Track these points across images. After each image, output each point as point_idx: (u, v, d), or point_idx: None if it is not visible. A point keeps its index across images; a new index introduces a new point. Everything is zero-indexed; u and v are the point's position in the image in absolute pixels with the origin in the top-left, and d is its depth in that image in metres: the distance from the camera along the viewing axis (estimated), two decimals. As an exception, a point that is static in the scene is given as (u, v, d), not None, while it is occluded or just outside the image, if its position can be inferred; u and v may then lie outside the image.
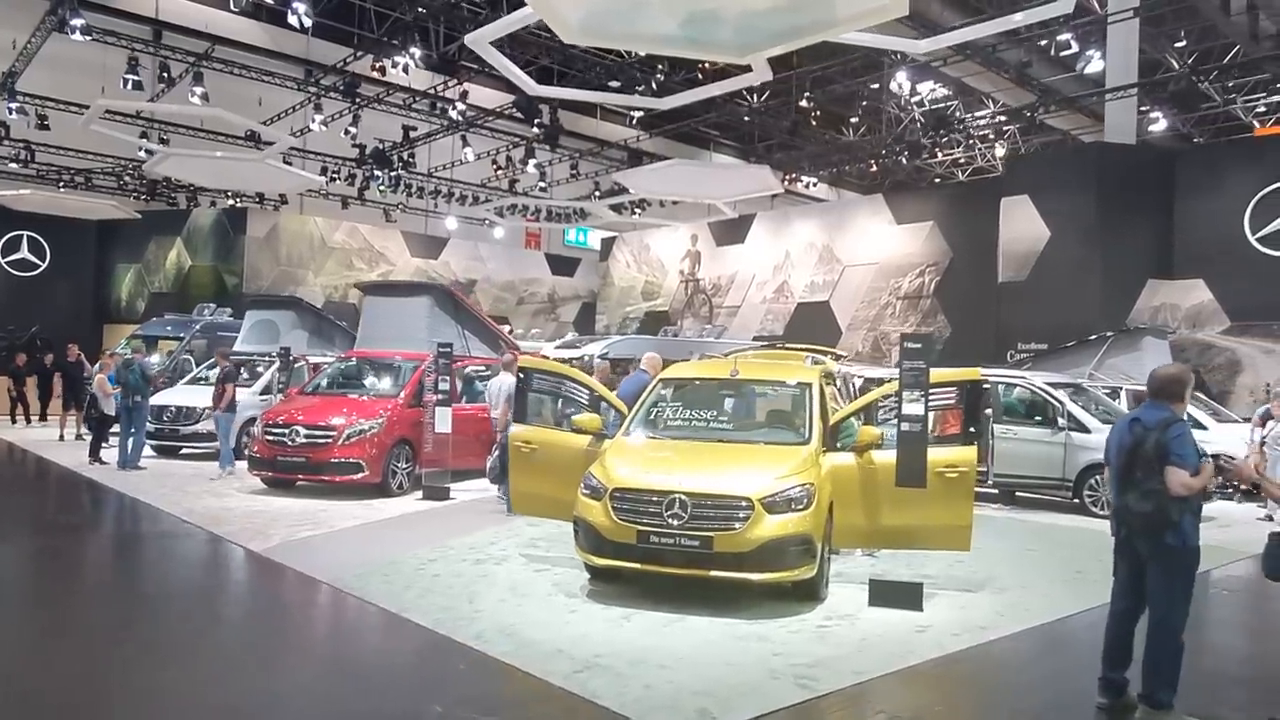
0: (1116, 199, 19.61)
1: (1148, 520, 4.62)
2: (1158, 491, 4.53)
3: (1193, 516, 4.61)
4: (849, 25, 10.49)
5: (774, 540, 6.36)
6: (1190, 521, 4.60)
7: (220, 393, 12.81)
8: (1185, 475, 4.49)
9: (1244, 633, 7.34)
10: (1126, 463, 4.76)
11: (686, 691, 4.85)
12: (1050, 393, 12.81)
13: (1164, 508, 4.53)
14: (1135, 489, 4.67)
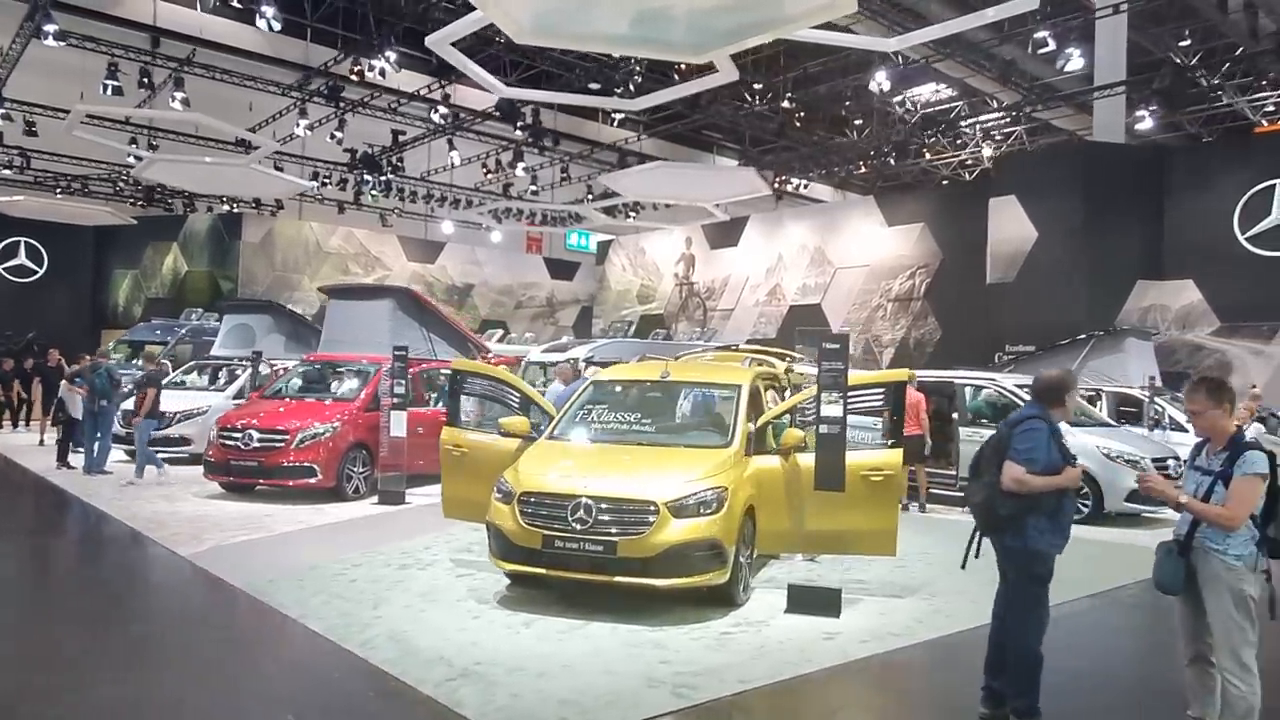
0: (1104, 199, 19.36)
1: (980, 514, 4.57)
2: (990, 484, 4.46)
3: (1044, 519, 4.40)
4: (799, 23, 10.34)
5: (680, 545, 6.22)
6: (1037, 524, 4.40)
7: (140, 398, 12.42)
8: (1019, 471, 4.34)
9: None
10: (975, 458, 4.74)
11: (553, 701, 4.73)
12: (1019, 395, 12.57)
13: (992, 501, 4.42)
14: (975, 482, 4.65)
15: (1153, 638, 7.07)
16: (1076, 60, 16.32)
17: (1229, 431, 4.15)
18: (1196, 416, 4.22)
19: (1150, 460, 11.68)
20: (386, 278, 31.91)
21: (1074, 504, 4.52)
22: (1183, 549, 4.09)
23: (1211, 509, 3.98)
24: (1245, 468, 3.98)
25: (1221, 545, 3.98)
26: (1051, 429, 4.48)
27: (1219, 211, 18.58)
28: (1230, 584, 3.95)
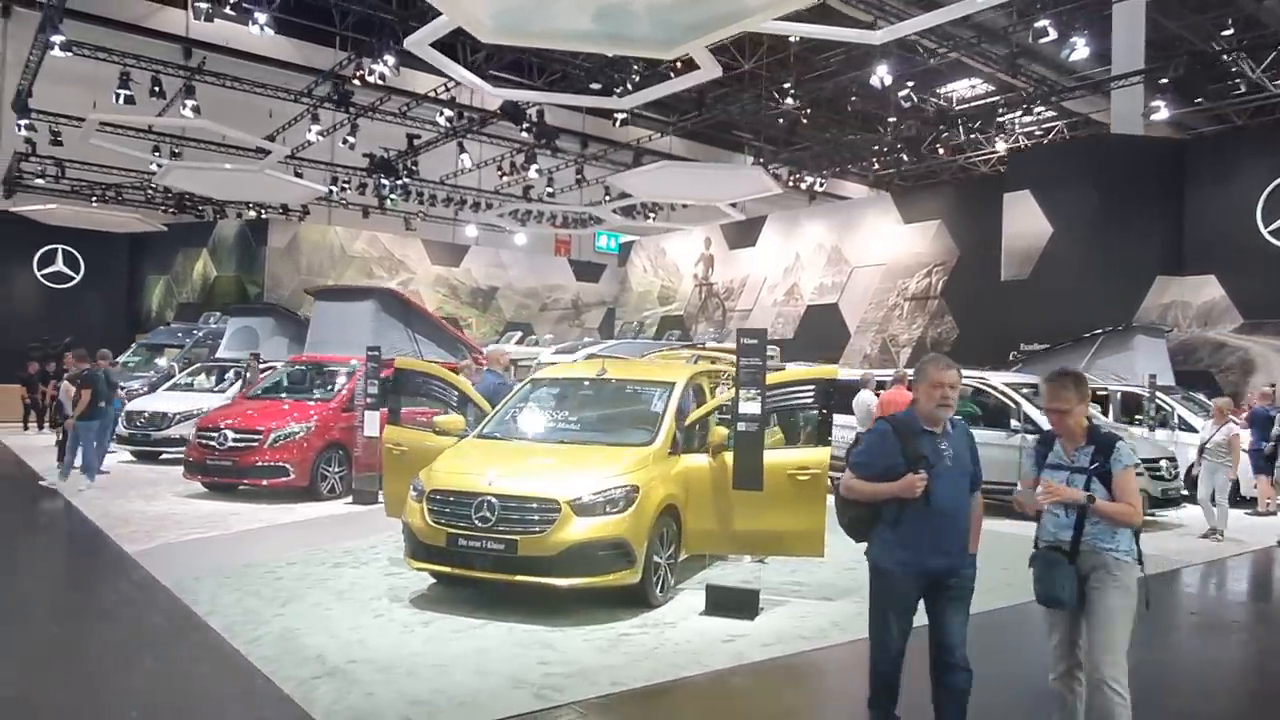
0: (1122, 192, 18.76)
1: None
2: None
3: (886, 531, 3.94)
4: (761, 14, 10.17)
5: (581, 544, 6.12)
6: (880, 535, 3.98)
7: (75, 399, 12.06)
8: (847, 475, 4.08)
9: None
10: None
11: (405, 701, 4.66)
12: (1008, 394, 12.22)
13: (836, 504, 4.15)
14: None
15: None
16: (1082, 49, 15.80)
17: (1084, 426, 3.97)
18: (1064, 414, 3.94)
19: (1140, 460, 11.25)
20: (410, 281, 32.27)
21: (926, 517, 3.86)
22: (1071, 555, 3.82)
23: (1114, 507, 3.79)
24: (1124, 460, 3.85)
25: (1112, 543, 3.81)
26: (900, 430, 3.98)
27: (1241, 204, 17.88)
28: (1123, 581, 3.79)
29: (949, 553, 3.94)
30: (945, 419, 3.98)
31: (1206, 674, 6.18)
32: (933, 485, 3.87)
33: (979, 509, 4.10)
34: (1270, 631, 7.49)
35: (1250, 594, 8.99)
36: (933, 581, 3.94)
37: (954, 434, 4.03)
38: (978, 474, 4.09)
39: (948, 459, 3.94)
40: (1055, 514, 3.91)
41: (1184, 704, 5.42)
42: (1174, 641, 6.77)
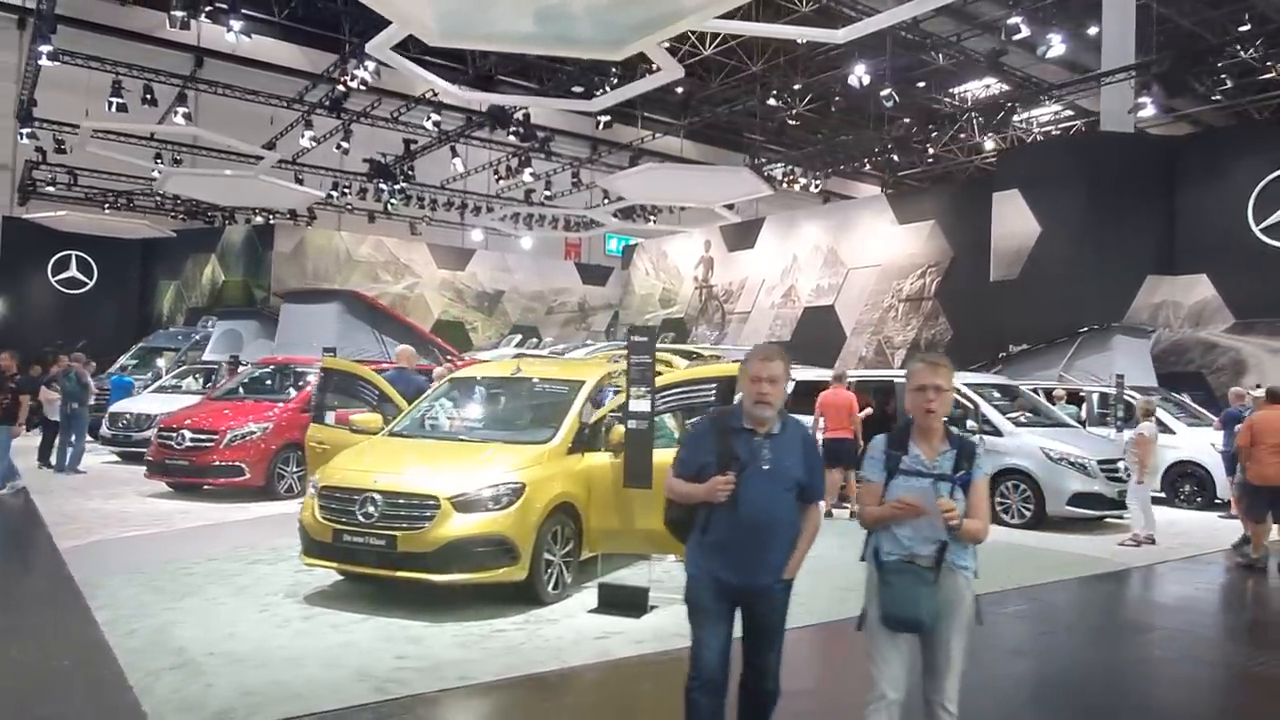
0: (1112, 191, 18.49)
1: None
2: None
3: (696, 534, 3.58)
4: (700, 15, 10.18)
5: (460, 540, 6.16)
6: (691, 537, 3.62)
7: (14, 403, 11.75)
8: (669, 478, 3.67)
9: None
10: None
11: (240, 692, 4.73)
12: (966, 395, 12.07)
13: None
14: None
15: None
16: (1058, 47, 15.60)
17: (944, 425, 3.52)
18: (942, 393, 3.42)
19: (1097, 462, 11.09)
20: (416, 285, 32.61)
21: (733, 526, 3.44)
22: (935, 573, 3.37)
23: (976, 525, 3.39)
24: (984, 467, 3.48)
25: (965, 561, 3.43)
26: (720, 427, 3.61)
27: (1233, 202, 17.54)
28: (969, 600, 3.44)
29: (755, 569, 3.48)
30: (769, 418, 3.52)
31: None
32: (741, 490, 3.42)
33: (812, 524, 3.61)
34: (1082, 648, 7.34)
35: (1116, 607, 8.78)
36: (740, 597, 3.52)
37: (783, 436, 3.54)
38: (813, 485, 3.61)
39: (765, 463, 3.47)
40: (912, 526, 3.40)
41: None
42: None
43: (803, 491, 3.56)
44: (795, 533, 3.55)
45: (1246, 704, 5.62)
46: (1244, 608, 8.48)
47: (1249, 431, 9.40)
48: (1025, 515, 11.22)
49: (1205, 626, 7.47)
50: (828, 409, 11.69)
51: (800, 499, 3.56)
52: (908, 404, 3.55)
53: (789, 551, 3.54)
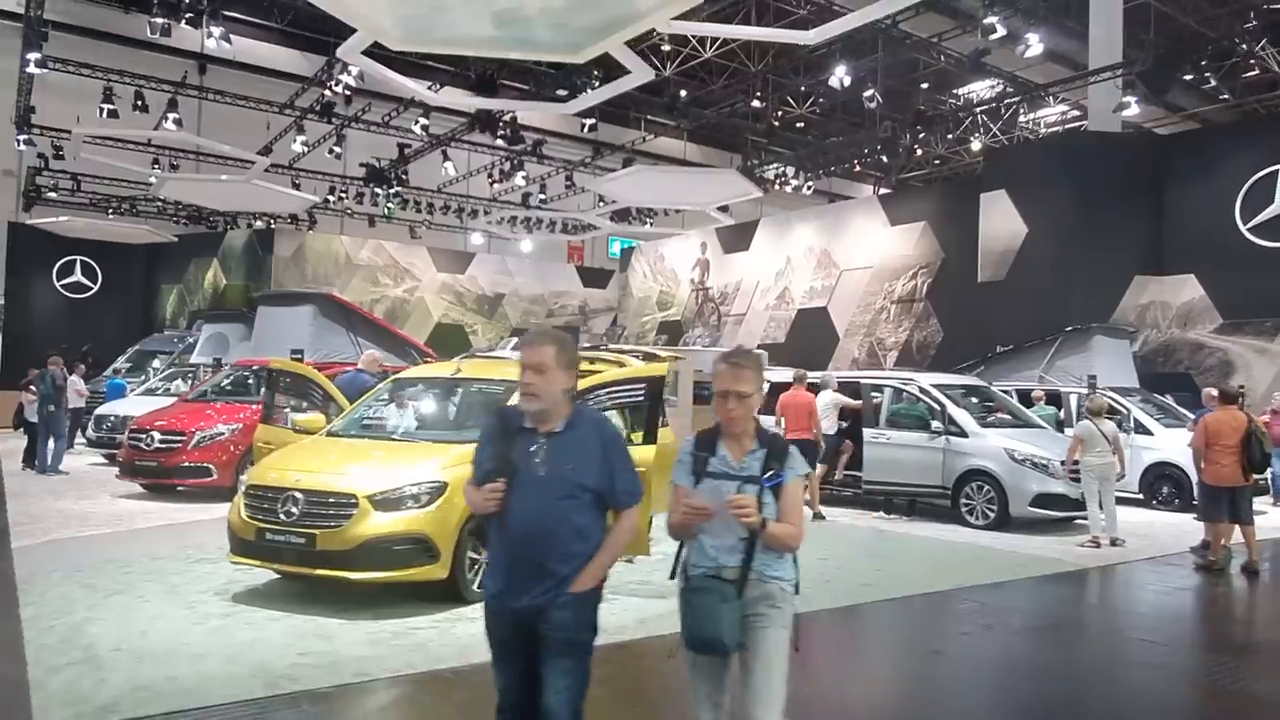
0: (1099, 191, 18.34)
1: None
2: None
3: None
4: (654, 16, 10.21)
5: (377, 538, 6.21)
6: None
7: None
8: (466, 485, 3.23)
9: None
10: None
11: (131, 687, 4.79)
12: (933, 395, 12.03)
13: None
14: None
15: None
16: (1036, 46, 15.52)
17: (755, 425, 3.21)
18: (745, 399, 3.12)
19: (1059, 463, 11.01)
20: (416, 288, 32.78)
21: (505, 540, 3.03)
22: (739, 587, 3.04)
23: (784, 530, 3.07)
24: (798, 468, 3.17)
25: (779, 570, 3.11)
26: (502, 427, 3.16)
27: (1220, 201, 17.37)
28: (786, 615, 3.12)
29: (532, 587, 2.97)
30: (537, 413, 3.03)
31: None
32: (510, 499, 2.99)
33: (621, 532, 3.12)
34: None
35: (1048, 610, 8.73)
36: (523, 620, 3.00)
37: (568, 435, 3.05)
38: (616, 488, 3.08)
39: (539, 466, 3.00)
40: (717, 535, 3.09)
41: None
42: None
43: (599, 497, 3.06)
44: (591, 544, 3.05)
45: (1147, 703, 5.57)
46: (1184, 609, 8.39)
47: (1203, 432, 9.33)
48: (989, 516, 11.16)
49: (1137, 628, 7.40)
50: (787, 410, 11.69)
51: (599, 505, 3.08)
52: (712, 407, 3.23)
53: (582, 564, 3.01)
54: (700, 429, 3.32)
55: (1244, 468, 9.11)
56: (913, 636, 6.86)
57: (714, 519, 3.03)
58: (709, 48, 23.75)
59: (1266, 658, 6.52)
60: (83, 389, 17.00)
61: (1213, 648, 6.80)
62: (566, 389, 3.09)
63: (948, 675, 5.92)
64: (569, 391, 3.10)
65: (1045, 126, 27.79)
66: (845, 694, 5.52)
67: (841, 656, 6.52)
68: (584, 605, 3.05)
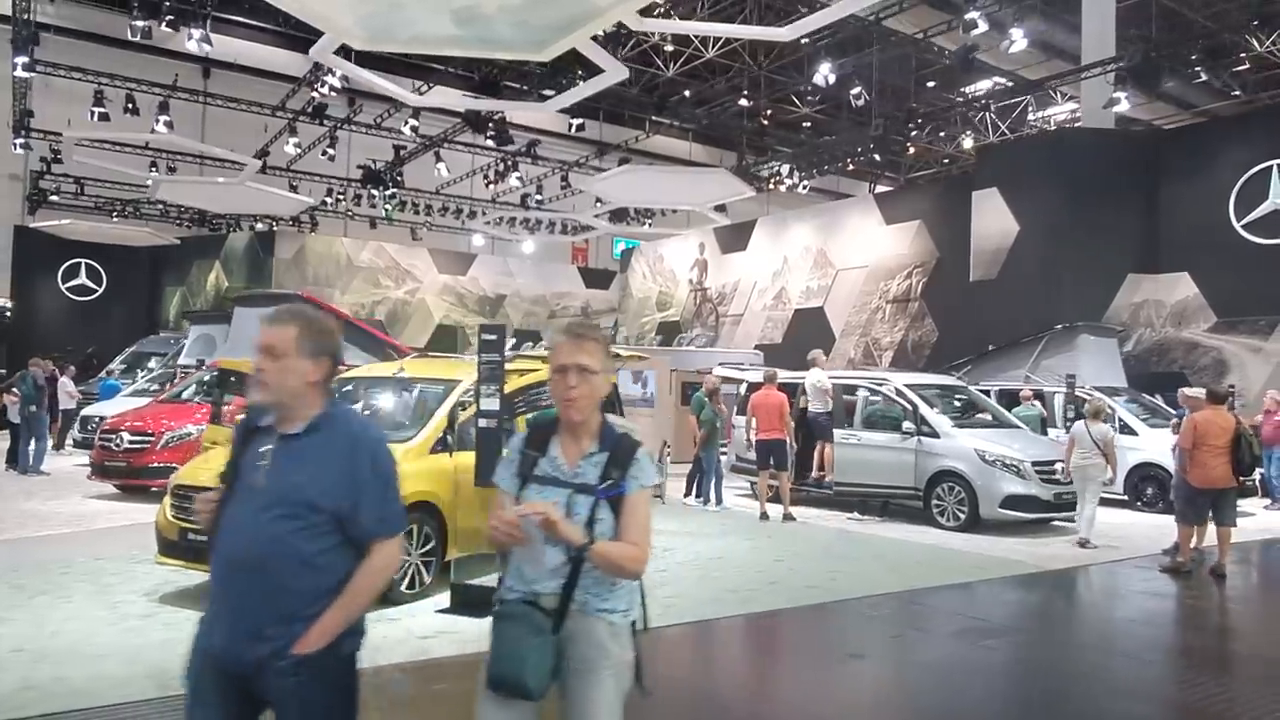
0: (1091, 188, 18.10)
1: None
2: None
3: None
4: (614, 13, 10.12)
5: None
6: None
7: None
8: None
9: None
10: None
11: (22, 687, 4.77)
12: (906, 395, 11.86)
13: None
14: None
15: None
16: (1021, 41, 15.30)
17: (599, 421, 2.61)
18: (590, 376, 2.51)
19: (1031, 464, 10.84)
20: (417, 290, 32.86)
21: (216, 565, 2.49)
22: (556, 619, 2.46)
23: (617, 550, 2.46)
24: (645, 476, 2.56)
25: (609, 602, 2.51)
26: (244, 426, 2.69)
27: (1214, 198, 17.08)
28: (617, 659, 2.51)
29: (243, 634, 2.35)
30: (267, 406, 2.49)
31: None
32: (223, 517, 2.43)
33: (360, 581, 2.39)
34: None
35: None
36: (233, 671, 2.37)
37: (311, 439, 2.43)
38: (361, 513, 2.39)
39: (261, 476, 2.41)
40: (533, 552, 2.49)
41: None
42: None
43: (342, 524, 2.38)
44: (325, 581, 2.36)
45: (1054, 712, 5.42)
46: (1130, 613, 8.18)
47: (1191, 433, 9.08)
48: (960, 518, 11.00)
49: (1073, 632, 7.23)
50: (758, 409, 11.58)
51: (341, 533, 2.39)
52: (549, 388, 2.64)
53: (316, 609, 2.33)
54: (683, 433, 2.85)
55: (1233, 469, 8.90)
56: (838, 640, 6.73)
57: (528, 536, 2.43)
58: (711, 48, 23.65)
59: (1201, 664, 6.34)
60: (73, 390, 17.11)
61: (1148, 654, 6.62)
62: (312, 381, 2.43)
63: (855, 680, 5.79)
64: (317, 386, 2.45)
65: (1054, 124, 27.51)
66: (737, 700, 5.41)
67: (754, 661, 6.42)
68: (315, 674, 2.32)
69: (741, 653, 6.52)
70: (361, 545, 2.42)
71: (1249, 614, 8.15)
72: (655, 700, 2.58)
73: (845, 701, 5.39)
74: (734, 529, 10.76)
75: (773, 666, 6.27)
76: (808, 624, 7.01)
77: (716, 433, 12.43)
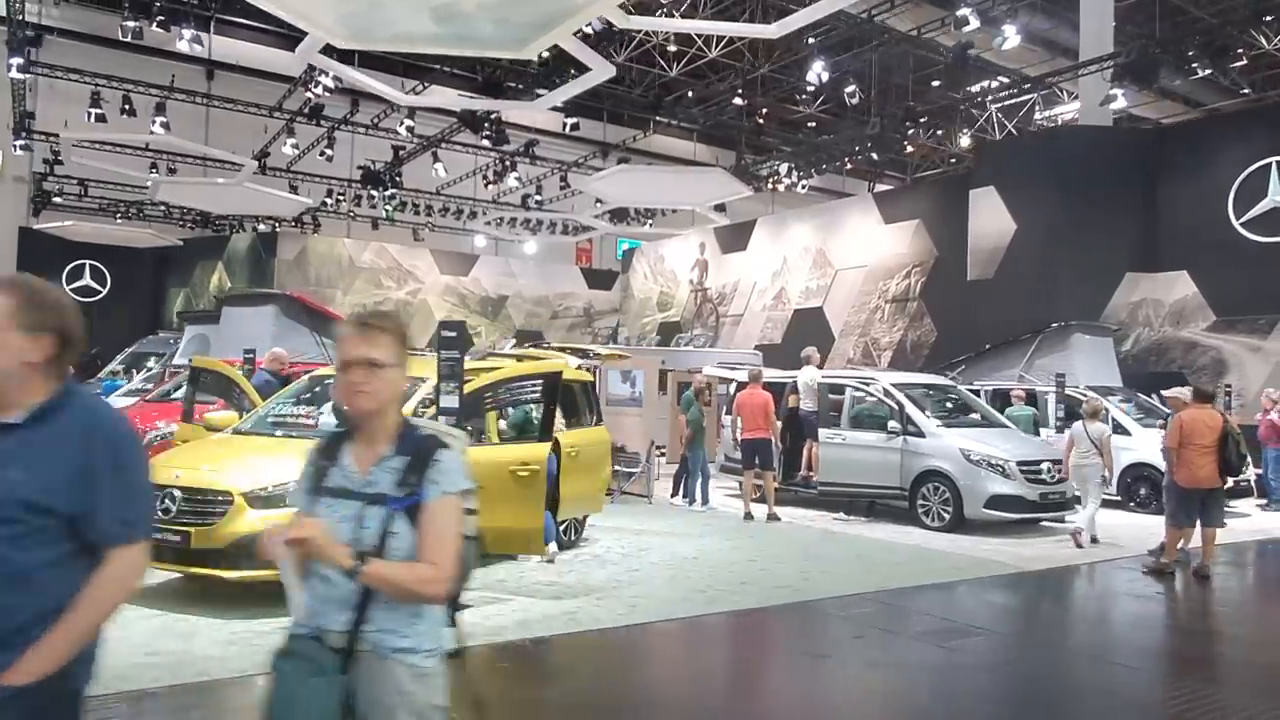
0: (1088, 186, 17.92)
1: None
2: None
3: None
4: (593, 9, 10.07)
5: (251, 536, 6.09)
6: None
7: None
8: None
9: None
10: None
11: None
12: (893, 395, 11.74)
13: None
14: None
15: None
16: (1013, 39, 15.16)
17: (397, 422, 2.28)
18: (376, 370, 2.19)
19: (1017, 463, 10.71)
20: (419, 291, 32.88)
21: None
22: (345, 658, 2.14)
23: (402, 572, 2.14)
24: (447, 481, 2.21)
25: (409, 638, 2.17)
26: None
27: (1213, 195, 16.89)
28: (422, 703, 2.17)
29: None
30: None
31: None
32: None
33: (93, 594, 2.02)
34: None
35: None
36: None
37: (33, 431, 2.04)
38: (100, 512, 2.02)
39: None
40: (326, 579, 2.18)
41: None
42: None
43: (77, 530, 2.02)
44: (45, 600, 1.98)
45: (1015, 708, 5.33)
46: (1102, 615, 8.07)
47: (1177, 432, 8.96)
48: (945, 518, 10.88)
49: (1040, 633, 7.13)
50: (743, 409, 11.50)
51: (72, 539, 2.02)
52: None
53: (36, 631, 1.95)
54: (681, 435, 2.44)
55: (1220, 470, 8.76)
56: (800, 640, 6.65)
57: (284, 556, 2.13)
58: (714, 47, 23.52)
59: (1168, 669, 6.23)
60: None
61: (1112, 656, 6.49)
62: (30, 361, 2.05)
63: (810, 680, 5.70)
64: (39, 367, 2.06)
65: (1061, 123, 27.30)
66: (697, 698, 5.33)
67: (710, 662, 6.33)
68: (29, 713, 1.93)
69: (697, 653, 6.43)
70: (98, 553, 2.03)
71: (1225, 616, 8.01)
72: (586, 700, 2.48)
73: (793, 702, 5.31)
74: (716, 529, 10.67)
75: (728, 666, 6.20)
76: (772, 624, 6.93)
77: (702, 432, 12.35)
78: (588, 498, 9.07)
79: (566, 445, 8.57)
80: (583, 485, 8.86)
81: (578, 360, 10.67)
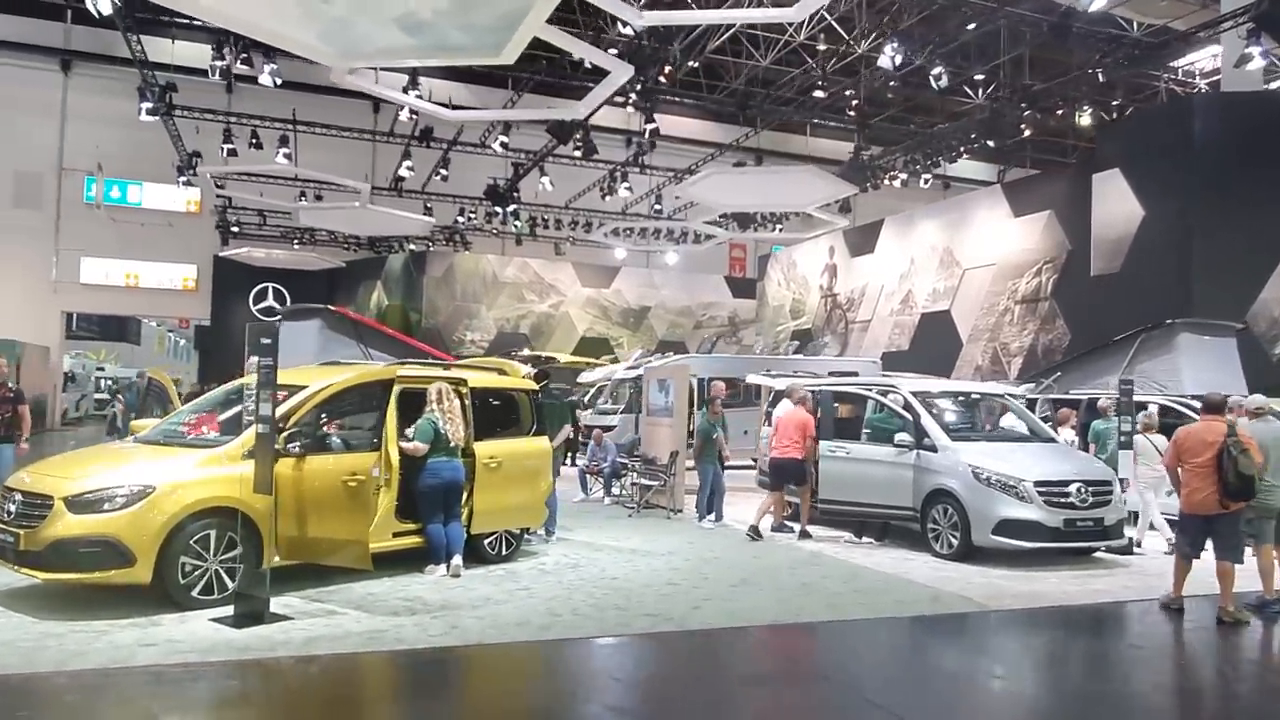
0: (1231, 163, 15.42)
1: None
2: None
3: None
4: (545, 2, 9.72)
5: (63, 540, 6.27)
6: None
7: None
8: None
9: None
10: None
11: None
12: (912, 405, 10.49)
13: None
14: None
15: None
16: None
17: None
18: None
19: (1034, 484, 9.23)
20: (561, 304, 33.58)
21: None
22: None
23: None
24: None
25: None
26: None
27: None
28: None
29: None
30: None
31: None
32: None
33: None
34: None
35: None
36: None
37: None
38: None
39: None
40: None
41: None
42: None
43: None
44: None
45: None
46: (1016, 666, 6.66)
47: (1173, 449, 7.53)
48: (954, 545, 9.57)
49: (878, 683, 5.96)
50: (779, 426, 10.74)
51: None
52: None
53: None
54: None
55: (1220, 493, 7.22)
56: (577, 677, 5.92)
57: None
58: (804, 30, 22.28)
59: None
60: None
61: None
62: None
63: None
64: None
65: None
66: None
67: (438, 699, 5.76)
68: None
69: (431, 688, 5.77)
70: None
71: (1216, 682, 6.43)
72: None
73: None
74: (697, 548, 9.89)
75: (448, 705, 5.59)
76: (572, 657, 6.19)
77: (711, 443, 11.61)
78: (519, 510, 8.71)
79: (484, 456, 8.28)
80: (509, 497, 8.52)
81: (526, 368, 10.34)
